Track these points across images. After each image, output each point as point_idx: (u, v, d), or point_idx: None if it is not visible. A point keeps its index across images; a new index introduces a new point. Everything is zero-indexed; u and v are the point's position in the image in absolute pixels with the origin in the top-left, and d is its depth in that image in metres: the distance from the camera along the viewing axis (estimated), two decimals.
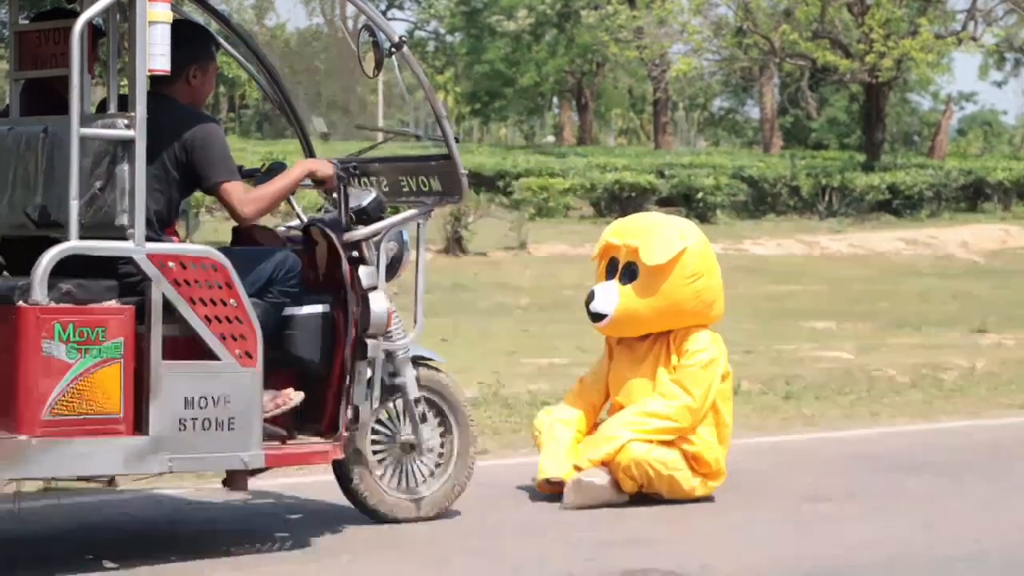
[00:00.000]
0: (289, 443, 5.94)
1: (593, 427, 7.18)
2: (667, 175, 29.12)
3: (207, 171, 5.77)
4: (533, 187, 26.96)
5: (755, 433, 9.09)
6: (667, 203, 26.73)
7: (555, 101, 56.67)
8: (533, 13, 44.57)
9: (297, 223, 6.60)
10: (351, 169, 6.27)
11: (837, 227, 28.02)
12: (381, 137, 8.45)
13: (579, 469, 6.86)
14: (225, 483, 6.00)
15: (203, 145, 5.76)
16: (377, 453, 6.35)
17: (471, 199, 20.31)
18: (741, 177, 29.83)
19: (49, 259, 5.30)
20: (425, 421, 6.38)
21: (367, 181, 6.56)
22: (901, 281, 22.08)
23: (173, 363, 5.50)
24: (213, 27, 6.78)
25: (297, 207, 6.75)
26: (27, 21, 6.21)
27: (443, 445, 6.50)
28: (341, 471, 6.27)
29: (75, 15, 5.48)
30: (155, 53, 5.50)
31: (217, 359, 5.59)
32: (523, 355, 13.05)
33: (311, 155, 6.70)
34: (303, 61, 55.20)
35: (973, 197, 31.69)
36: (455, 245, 21.85)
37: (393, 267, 6.31)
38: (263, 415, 5.74)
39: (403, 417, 6.40)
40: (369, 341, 6.07)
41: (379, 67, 6.18)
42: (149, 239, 5.52)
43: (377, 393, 6.15)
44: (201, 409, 5.54)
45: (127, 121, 5.48)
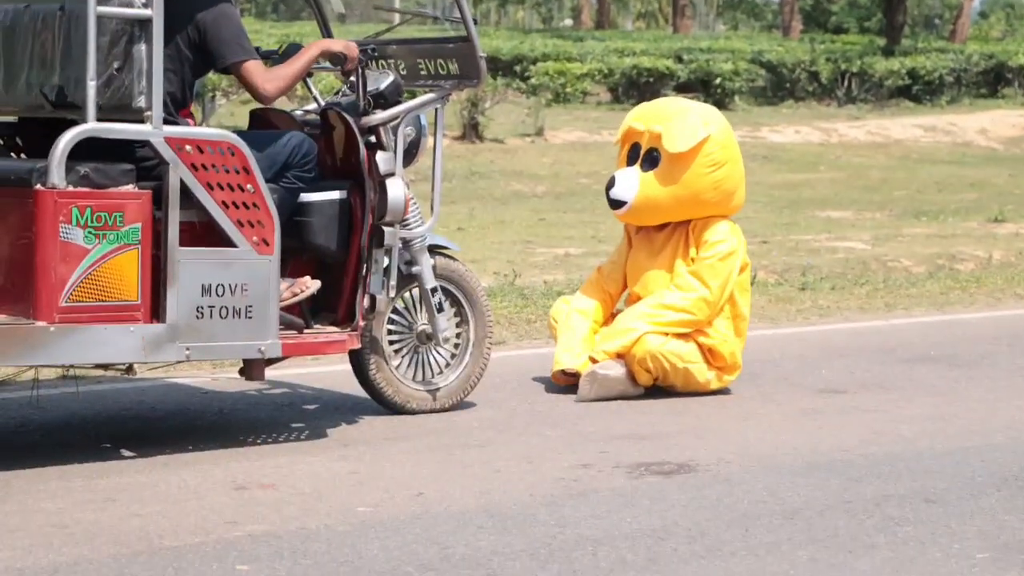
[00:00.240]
0: (306, 332, 5.93)
1: (610, 318, 7.17)
2: (685, 60, 28.85)
3: (223, 51, 5.71)
4: (550, 72, 26.74)
5: (770, 325, 9.09)
6: (685, 89, 26.51)
7: None
8: None
9: (314, 107, 6.54)
10: (369, 51, 6.20)
11: (856, 113, 27.81)
12: (398, 18, 8.34)
13: (595, 361, 6.87)
14: (242, 372, 6.01)
15: (217, 25, 5.69)
16: (393, 343, 6.35)
17: (488, 84, 20.14)
18: (760, 62, 29.55)
19: (67, 141, 5.25)
20: (442, 311, 6.36)
21: (384, 64, 6.50)
22: (919, 169, 21.97)
23: (190, 250, 5.49)
24: None
25: (314, 90, 6.68)
26: None
27: (459, 335, 6.50)
28: (357, 361, 6.28)
29: None
30: None
31: (234, 246, 5.57)
32: (538, 244, 13.04)
33: (329, 36, 6.63)
34: None
35: (994, 82, 31.37)
36: (471, 131, 21.71)
37: (410, 153, 6.27)
38: (280, 304, 5.73)
39: (419, 307, 6.39)
40: (386, 229, 6.04)
41: None
42: (166, 121, 5.48)
43: (394, 282, 6.13)
44: (218, 297, 5.54)
45: (144, 0, 5.41)
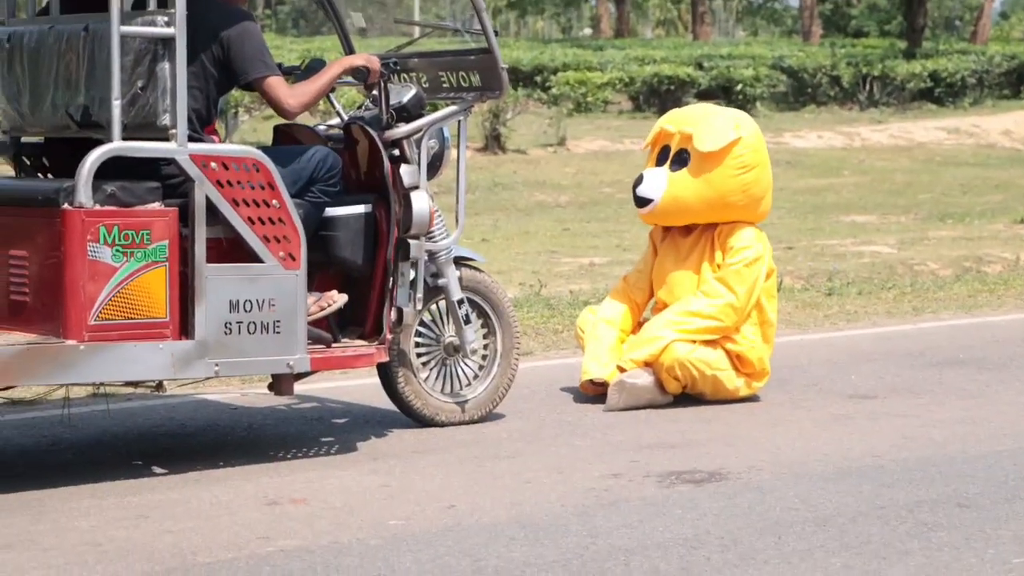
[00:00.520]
0: (334, 346, 5.93)
1: (637, 326, 7.16)
2: (706, 67, 28.84)
3: (246, 67, 5.72)
4: (571, 82, 26.74)
5: (798, 330, 9.06)
6: (706, 96, 26.49)
7: None
8: None
9: (337, 121, 6.56)
10: (391, 65, 6.22)
11: (878, 117, 27.75)
12: (417, 32, 8.36)
13: (622, 370, 6.86)
14: (271, 387, 6.01)
15: (240, 41, 5.70)
16: (421, 356, 6.35)
17: (509, 95, 20.18)
18: (780, 67, 29.53)
19: (93, 160, 5.28)
20: (469, 322, 6.36)
21: (407, 77, 6.51)
22: (943, 172, 21.90)
23: (217, 266, 5.50)
24: None
25: (337, 105, 6.70)
26: None
27: (487, 347, 6.50)
28: (386, 374, 6.28)
29: None
30: None
31: (261, 261, 5.58)
32: (563, 254, 13.04)
33: (351, 51, 6.66)
34: None
35: (1016, 83, 31.27)
36: (493, 143, 21.72)
37: (434, 165, 6.28)
38: (307, 318, 5.74)
39: (446, 319, 6.39)
40: (412, 242, 6.04)
41: None
42: (190, 139, 5.50)
43: (420, 294, 6.13)
44: (246, 312, 5.55)
45: (167, 18, 5.43)
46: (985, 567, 4.46)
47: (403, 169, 6.05)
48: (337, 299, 5.95)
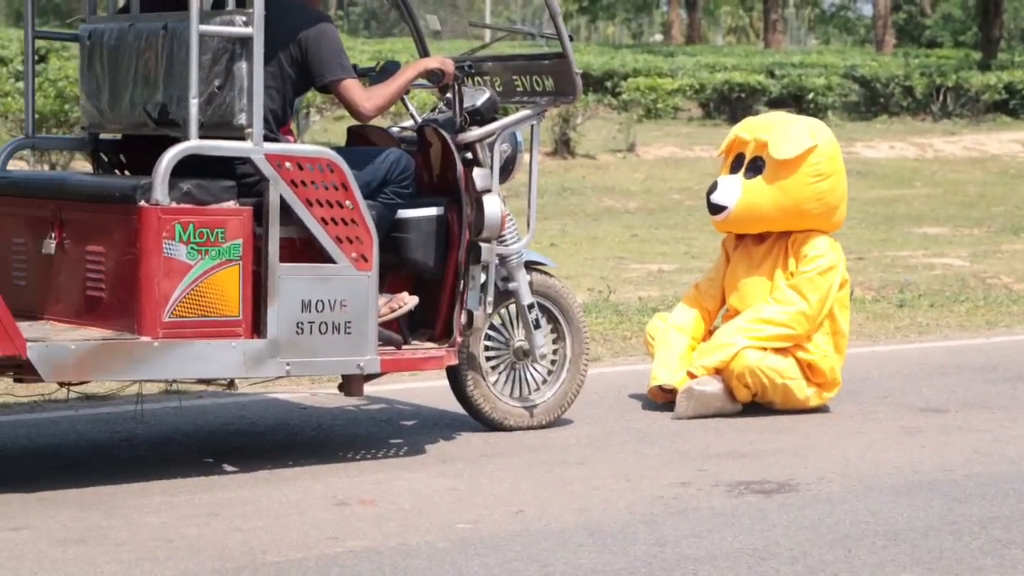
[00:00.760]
0: (404, 348, 5.94)
1: (708, 334, 7.13)
2: (777, 75, 28.67)
3: (323, 69, 5.74)
4: (642, 87, 26.68)
5: (869, 342, 8.99)
6: (777, 104, 26.32)
7: None
8: None
9: (411, 123, 6.57)
10: (465, 68, 6.23)
11: (951, 128, 27.49)
12: (489, 35, 8.36)
13: (692, 376, 6.82)
14: (340, 388, 6.03)
15: (318, 43, 5.72)
16: (490, 359, 6.35)
17: (579, 100, 20.18)
18: (853, 77, 29.31)
19: (170, 158, 5.32)
20: (538, 327, 6.36)
21: (480, 81, 6.52)
22: (1017, 184, 21.65)
23: (290, 266, 5.52)
24: None
25: (411, 107, 6.71)
26: None
27: (556, 352, 6.49)
28: (455, 377, 6.29)
29: None
30: None
31: (333, 262, 5.60)
32: (631, 260, 13.00)
33: (425, 53, 6.67)
34: None
35: None
36: (563, 147, 21.69)
37: (506, 169, 6.28)
38: (378, 319, 5.75)
39: (516, 323, 6.39)
40: (483, 245, 6.05)
41: None
42: (266, 138, 5.52)
43: (491, 298, 6.13)
44: (318, 312, 5.57)
45: (245, 18, 5.46)
46: None
47: (476, 172, 6.05)
48: (408, 301, 5.96)
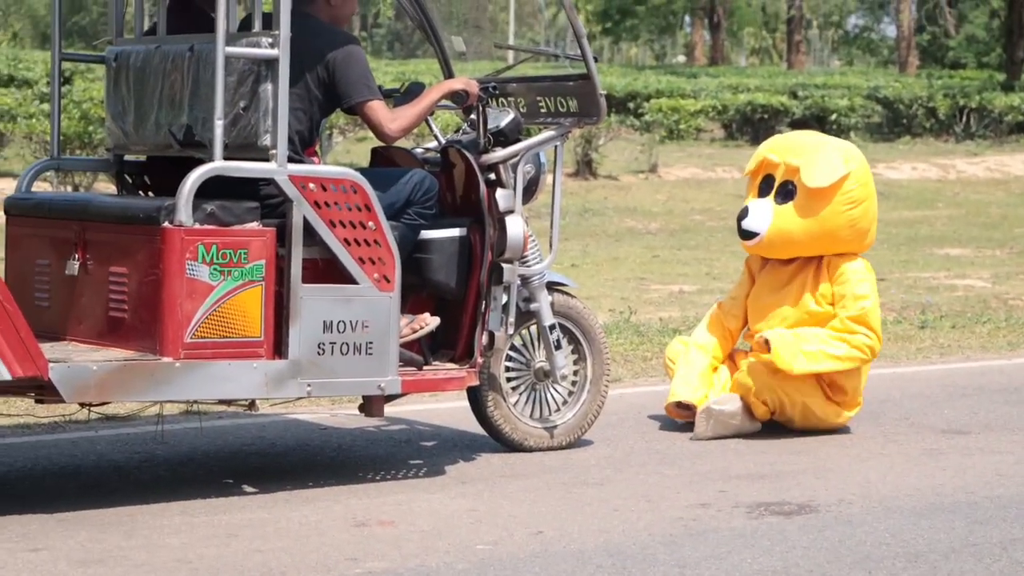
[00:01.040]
0: (425, 369, 5.96)
1: (728, 356, 7.12)
2: (800, 96, 28.63)
3: (349, 90, 5.77)
4: (664, 108, 26.69)
5: (890, 363, 8.97)
6: (800, 125, 26.28)
7: (687, 20, 56.04)
8: None
9: (434, 144, 6.59)
10: (490, 89, 6.25)
11: (974, 149, 27.43)
12: (513, 56, 8.38)
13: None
14: (361, 408, 6.04)
15: (346, 64, 5.75)
16: (511, 380, 6.36)
17: None
18: (876, 98, 29.28)
19: (194, 180, 5.34)
20: (559, 348, 6.37)
21: (505, 102, 6.54)
22: None
23: (312, 287, 5.54)
24: None
25: (435, 128, 6.74)
26: None
27: (576, 372, 6.50)
28: (475, 398, 6.29)
29: None
30: None
31: (355, 283, 5.62)
32: (652, 281, 13.01)
33: (450, 74, 6.70)
34: None
35: None
36: (585, 168, 21.72)
37: (529, 190, 6.30)
38: (399, 340, 5.77)
39: (537, 344, 6.40)
40: (505, 266, 6.07)
41: None
42: (291, 160, 5.54)
43: (512, 319, 6.14)
44: (339, 333, 5.58)
45: (271, 40, 5.48)
46: None
47: (499, 193, 6.07)
48: (429, 322, 5.97)
